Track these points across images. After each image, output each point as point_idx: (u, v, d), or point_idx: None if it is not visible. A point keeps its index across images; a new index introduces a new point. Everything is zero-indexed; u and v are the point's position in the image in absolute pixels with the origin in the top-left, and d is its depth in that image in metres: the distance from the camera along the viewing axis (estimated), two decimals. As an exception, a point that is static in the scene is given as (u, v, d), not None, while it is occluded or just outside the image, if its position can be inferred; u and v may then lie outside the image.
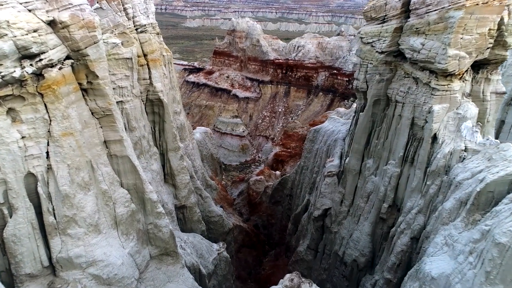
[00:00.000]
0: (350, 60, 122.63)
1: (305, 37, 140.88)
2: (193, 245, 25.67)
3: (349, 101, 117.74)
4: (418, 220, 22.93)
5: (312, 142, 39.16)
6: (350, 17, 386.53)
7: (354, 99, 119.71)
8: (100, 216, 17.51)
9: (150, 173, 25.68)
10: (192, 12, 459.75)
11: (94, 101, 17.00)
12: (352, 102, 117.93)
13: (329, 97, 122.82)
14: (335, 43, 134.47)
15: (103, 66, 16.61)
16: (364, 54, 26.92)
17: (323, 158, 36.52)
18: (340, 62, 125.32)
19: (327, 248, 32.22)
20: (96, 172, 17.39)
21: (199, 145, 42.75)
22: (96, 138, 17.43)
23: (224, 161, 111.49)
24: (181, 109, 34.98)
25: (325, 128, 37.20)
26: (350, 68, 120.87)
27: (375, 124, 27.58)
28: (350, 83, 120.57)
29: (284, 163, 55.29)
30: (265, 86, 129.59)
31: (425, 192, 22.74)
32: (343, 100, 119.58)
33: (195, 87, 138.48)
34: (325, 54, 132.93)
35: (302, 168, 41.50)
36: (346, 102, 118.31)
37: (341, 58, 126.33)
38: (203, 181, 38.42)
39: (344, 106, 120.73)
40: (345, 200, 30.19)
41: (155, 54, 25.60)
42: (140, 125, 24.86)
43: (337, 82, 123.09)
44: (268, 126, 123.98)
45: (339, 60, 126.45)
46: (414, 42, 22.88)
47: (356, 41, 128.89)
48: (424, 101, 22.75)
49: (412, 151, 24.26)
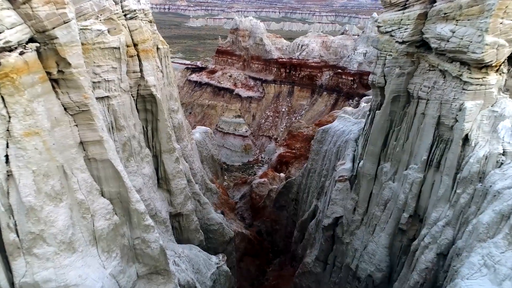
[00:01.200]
0: (355, 59, 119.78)
1: (309, 35, 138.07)
2: (188, 259, 22.83)
3: (353, 100, 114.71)
4: (446, 234, 19.95)
5: (320, 143, 36.23)
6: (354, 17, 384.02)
7: (359, 99, 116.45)
8: (75, 232, 14.67)
9: (141, 178, 22.84)
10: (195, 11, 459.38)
11: (67, 94, 14.16)
12: (357, 102, 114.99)
13: (333, 97, 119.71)
14: (340, 42, 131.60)
15: (76, 51, 13.77)
16: (382, 45, 23.98)
17: (333, 160, 33.58)
18: (344, 61, 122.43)
19: (338, 261, 29.27)
20: (70, 179, 14.54)
21: (199, 145, 39.95)
22: (70, 138, 14.59)
23: (227, 161, 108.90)
24: (179, 107, 32.16)
25: (335, 128, 34.24)
26: (355, 67, 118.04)
27: (393, 124, 24.62)
28: (355, 82, 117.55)
29: (289, 164, 52.46)
30: (268, 85, 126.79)
31: (454, 202, 19.77)
32: (348, 100, 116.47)
33: (197, 86, 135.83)
34: (329, 53, 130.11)
35: (309, 171, 38.57)
36: (350, 101, 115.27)
37: (345, 57, 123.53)
38: (202, 184, 35.58)
39: (349, 105, 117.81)
40: (358, 208, 27.24)
41: (146, 44, 22.76)
42: (129, 124, 22.02)
43: (342, 81, 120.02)
44: (271, 126, 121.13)
45: (344, 59, 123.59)
46: (442, 30, 19.92)
47: (361, 40, 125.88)
48: (454, 97, 19.78)
49: (438, 154, 21.29)
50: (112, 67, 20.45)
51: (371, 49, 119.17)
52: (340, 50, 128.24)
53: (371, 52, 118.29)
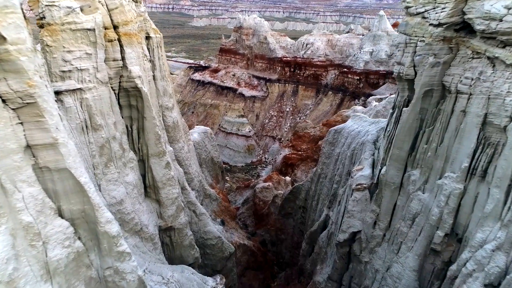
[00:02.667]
0: (361, 58, 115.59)
1: (314, 34, 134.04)
2: (179, 284, 19.00)
3: (359, 100, 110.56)
4: (496, 261, 16.02)
5: (331, 145, 32.29)
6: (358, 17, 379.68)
7: (365, 98, 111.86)
8: (18, 266, 10.91)
9: (124, 187, 19.09)
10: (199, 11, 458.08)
11: (5, 81, 10.41)
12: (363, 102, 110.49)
13: (339, 96, 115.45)
14: (346, 40, 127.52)
15: (13, 21, 10.00)
16: (411, 29, 20.07)
17: (347, 165, 29.65)
18: (350, 60, 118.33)
19: (355, 282, 25.36)
20: (11, 195, 10.79)
21: (197, 147, 36.11)
22: (12, 140, 10.84)
23: (229, 162, 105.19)
24: (174, 104, 28.36)
25: (349, 128, 30.27)
26: (361, 67, 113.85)
27: (424, 124, 20.69)
28: (361, 81, 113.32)
29: (295, 167, 48.54)
30: (272, 84, 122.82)
31: (508, 221, 15.85)
32: (354, 100, 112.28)
33: (200, 85, 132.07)
34: (335, 51, 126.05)
35: (319, 176, 34.62)
36: (356, 101, 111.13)
37: (351, 56, 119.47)
38: (200, 191, 31.75)
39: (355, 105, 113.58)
40: (379, 222, 23.33)
41: (130, 27, 19.02)
42: (108, 123, 18.30)
43: (348, 80, 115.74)
44: (275, 126, 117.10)
45: (350, 58, 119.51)
46: (493, 7, 16.01)
47: (368, 38, 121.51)
48: (508, 90, 15.86)
49: (484, 161, 17.36)
50: (86, 53, 16.79)
51: (377, 48, 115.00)
52: (346, 48, 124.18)
53: (377, 51, 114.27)
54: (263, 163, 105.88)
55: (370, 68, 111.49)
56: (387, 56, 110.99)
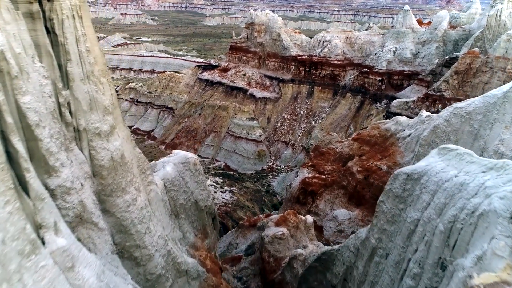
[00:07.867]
0: (384, 57, 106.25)
1: (332, 31, 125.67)
2: None
3: (381, 103, 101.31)
4: None
5: (401, 202, 15.82)
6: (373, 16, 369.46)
7: (387, 101, 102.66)
8: None
9: None
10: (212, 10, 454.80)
11: None
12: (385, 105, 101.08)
13: (358, 99, 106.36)
14: (366, 38, 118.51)
15: None
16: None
17: (437, 247, 12.56)
18: (371, 59, 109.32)
19: None
20: None
21: (171, 188, 22.86)
22: None
23: (238, 169, 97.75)
24: (118, 125, 16.55)
25: (438, 174, 13.91)
26: (383, 66, 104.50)
27: None
28: (383, 83, 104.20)
29: (316, 195, 38.57)
30: (285, 85, 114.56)
31: None
32: (375, 103, 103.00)
33: (208, 85, 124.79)
34: (354, 50, 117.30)
35: (374, 250, 18.44)
36: (378, 104, 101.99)
37: (372, 55, 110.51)
38: (169, 267, 18.75)
39: (376, 109, 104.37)
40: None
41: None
42: None
43: (368, 81, 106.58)
44: (288, 130, 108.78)
45: (370, 57, 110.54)
46: None
47: (391, 36, 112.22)
48: None
49: None
50: None
51: (401, 46, 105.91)
52: (366, 47, 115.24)
53: (402, 49, 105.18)
54: (275, 171, 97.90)
55: (394, 68, 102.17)
56: (412, 55, 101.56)
